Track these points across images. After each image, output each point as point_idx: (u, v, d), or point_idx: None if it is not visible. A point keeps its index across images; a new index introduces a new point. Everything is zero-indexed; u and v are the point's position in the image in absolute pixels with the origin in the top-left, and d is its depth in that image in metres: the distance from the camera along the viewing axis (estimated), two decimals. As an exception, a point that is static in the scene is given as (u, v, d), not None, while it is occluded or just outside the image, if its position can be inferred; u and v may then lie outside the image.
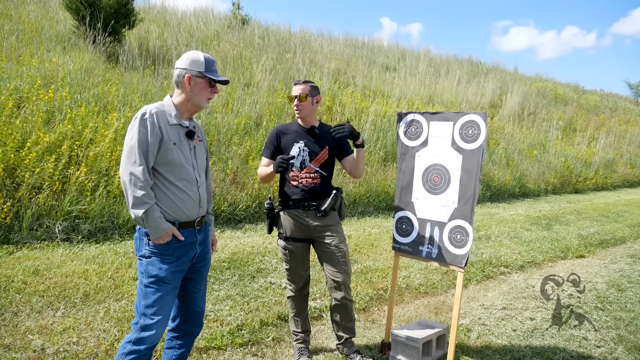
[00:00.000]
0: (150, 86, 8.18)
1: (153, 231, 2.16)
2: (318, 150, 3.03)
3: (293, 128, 3.08)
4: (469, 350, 3.41)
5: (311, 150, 3.02)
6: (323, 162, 3.04)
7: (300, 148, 3.01)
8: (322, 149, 3.04)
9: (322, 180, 3.04)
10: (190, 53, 2.29)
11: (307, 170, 3.00)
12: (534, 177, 11.77)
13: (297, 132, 3.05)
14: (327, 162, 3.06)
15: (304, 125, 3.07)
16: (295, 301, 3.18)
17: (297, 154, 3.00)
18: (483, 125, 2.96)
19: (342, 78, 12.86)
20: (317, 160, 3.02)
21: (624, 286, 5.05)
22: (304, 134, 3.05)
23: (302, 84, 3.00)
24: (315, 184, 3.02)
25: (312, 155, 3.01)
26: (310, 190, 3.00)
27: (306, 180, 3.00)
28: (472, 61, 21.16)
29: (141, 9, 11.81)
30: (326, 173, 3.06)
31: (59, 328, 3.20)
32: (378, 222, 7.29)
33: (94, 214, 5.29)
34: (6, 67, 6.87)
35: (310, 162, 3.01)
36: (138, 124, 2.15)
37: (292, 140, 3.03)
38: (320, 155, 3.03)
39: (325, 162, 3.05)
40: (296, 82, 3.02)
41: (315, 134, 3.05)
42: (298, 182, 3.01)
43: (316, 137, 3.05)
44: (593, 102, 22.36)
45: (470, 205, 2.98)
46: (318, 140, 3.05)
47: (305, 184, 3.00)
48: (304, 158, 3.01)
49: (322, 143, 3.05)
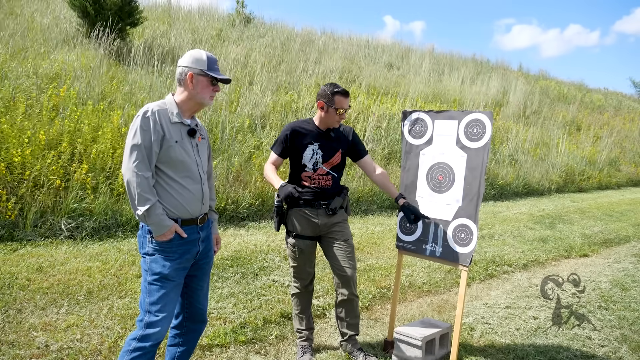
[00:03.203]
0: (155, 84, 8.19)
1: (156, 228, 2.16)
2: (332, 153, 3.05)
3: (309, 128, 3.06)
4: (472, 349, 3.41)
5: (325, 152, 3.03)
6: (335, 165, 3.07)
7: (314, 150, 3.02)
8: (336, 152, 3.06)
9: (333, 181, 3.07)
10: (193, 51, 2.29)
11: (319, 171, 3.03)
12: (537, 175, 11.73)
13: (313, 133, 3.04)
14: (339, 165, 3.10)
15: (321, 127, 3.06)
16: (300, 298, 3.18)
17: (311, 156, 3.01)
18: (489, 124, 2.95)
19: (345, 76, 12.84)
20: (330, 162, 3.05)
21: (627, 285, 5.03)
22: (318, 136, 3.04)
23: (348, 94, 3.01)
24: (327, 185, 3.05)
25: (325, 157, 3.03)
26: (320, 192, 3.03)
27: (318, 181, 3.03)
28: (475, 59, 21.10)
29: (145, 7, 11.83)
30: (337, 175, 3.09)
31: (62, 325, 3.21)
32: (381, 220, 7.29)
33: (97, 211, 5.30)
34: (12, 65, 6.89)
35: (323, 164, 3.03)
36: (140, 122, 2.15)
37: (307, 141, 3.02)
38: (333, 159, 3.06)
39: (338, 165, 3.08)
40: (346, 92, 2.98)
41: (330, 136, 3.06)
42: (310, 182, 3.03)
43: (331, 139, 3.06)
44: (597, 100, 22.27)
45: (475, 204, 2.98)
46: (332, 143, 3.06)
47: (317, 185, 3.03)
48: (317, 160, 3.02)
49: (336, 146, 3.07)
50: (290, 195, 2.83)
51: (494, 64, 21.76)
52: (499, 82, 17.07)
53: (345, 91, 2.98)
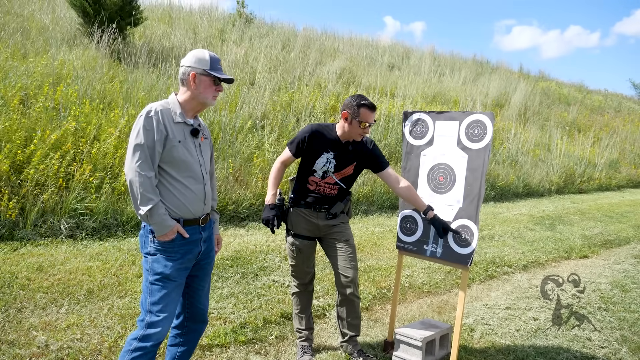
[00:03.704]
0: (156, 84, 8.19)
1: (158, 228, 2.16)
2: (345, 164, 3.01)
3: (330, 135, 2.99)
4: (472, 350, 3.41)
5: (338, 163, 2.99)
6: (346, 176, 3.04)
7: (328, 158, 2.97)
8: (350, 165, 3.03)
9: (339, 192, 3.05)
10: (196, 51, 2.29)
11: (327, 180, 3.00)
12: (537, 176, 11.73)
13: (333, 142, 2.98)
14: (351, 176, 3.07)
15: (343, 139, 2.99)
16: (300, 297, 3.18)
17: (323, 164, 2.97)
18: (490, 125, 2.96)
19: (346, 77, 12.84)
20: (340, 173, 3.02)
21: (628, 287, 5.03)
22: (336, 145, 2.98)
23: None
24: (332, 194, 3.03)
25: (337, 167, 2.99)
26: (322, 198, 3.02)
27: (324, 189, 3.01)
28: (476, 60, 21.10)
29: (146, 7, 11.83)
30: (346, 186, 3.07)
31: (62, 324, 3.21)
32: (381, 221, 7.29)
33: (98, 211, 5.30)
34: (12, 65, 6.89)
35: (333, 174, 3.00)
36: (143, 121, 2.15)
37: (323, 148, 2.96)
38: (345, 170, 3.02)
39: (349, 176, 3.05)
40: (373, 106, 2.91)
41: (348, 149, 3.00)
42: (315, 188, 3.01)
43: (347, 152, 3.00)
44: (597, 102, 22.27)
45: (476, 205, 2.98)
46: (349, 155, 3.01)
47: (322, 192, 3.01)
48: (329, 169, 2.98)
49: (352, 158, 3.02)
50: (267, 223, 2.92)
51: (495, 64, 21.78)
52: (499, 83, 17.08)
53: (372, 105, 2.89)
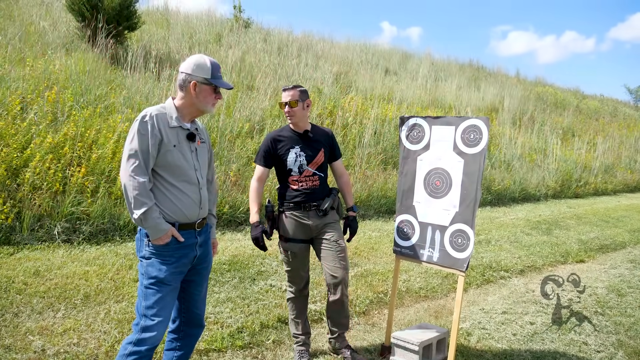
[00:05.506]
0: (154, 88, 8.19)
1: (152, 232, 2.17)
2: (314, 153, 3.10)
3: (287, 134, 3.12)
4: (469, 354, 3.41)
5: (307, 154, 3.08)
6: (320, 165, 3.12)
7: (296, 154, 3.07)
8: (318, 152, 3.11)
9: (320, 181, 3.12)
10: (197, 57, 2.28)
11: (305, 173, 3.07)
12: (534, 181, 11.77)
13: (291, 137, 3.10)
14: (324, 164, 3.15)
15: (297, 130, 3.11)
16: (296, 302, 3.20)
17: (294, 159, 3.06)
18: (485, 130, 2.98)
19: (343, 82, 12.88)
20: (314, 163, 3.10)
21: (624, 291, 5.05)
22: (298, 139, 3.10)
23: (292, 89, 3.04)
24: (315, 186, 3.09)
25: (308, 158, 3.08)
26: (310, 193, 3.07)
27: (306, 183, 3.08)
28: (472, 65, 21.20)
29: (144, 12, 11.85)
30: (323, 174, 3.14)
31: (59, 329, 3.21)
32: (378, 226, 7.29)
33: (95, 215, 5.29)
34: (10, 69, 6.88)
35: (308, 166, 3.07)
36: (137, 126, 2.16)
37: (287, 146, 3.08)
38: (317, 159, 3.10)
39: (322, 164, 3.13)
40: (285, 88, 3.06)
41: (309, 137, 3.11)
42: (298, 185, 3.07)
43: (310, 140, 3.11)
44: (593, 107, 22.38)
45: (472, 209, 2.99)
46: (313, 144, 3.11)
47: (305, 186, 3.07)
48: (302, 162, 3.06)
49: (317, 146, 3.12)
50: (256, 241, 3.01)
51: (491, 70, 21.88)
52: (495, 88, 17.15)
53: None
